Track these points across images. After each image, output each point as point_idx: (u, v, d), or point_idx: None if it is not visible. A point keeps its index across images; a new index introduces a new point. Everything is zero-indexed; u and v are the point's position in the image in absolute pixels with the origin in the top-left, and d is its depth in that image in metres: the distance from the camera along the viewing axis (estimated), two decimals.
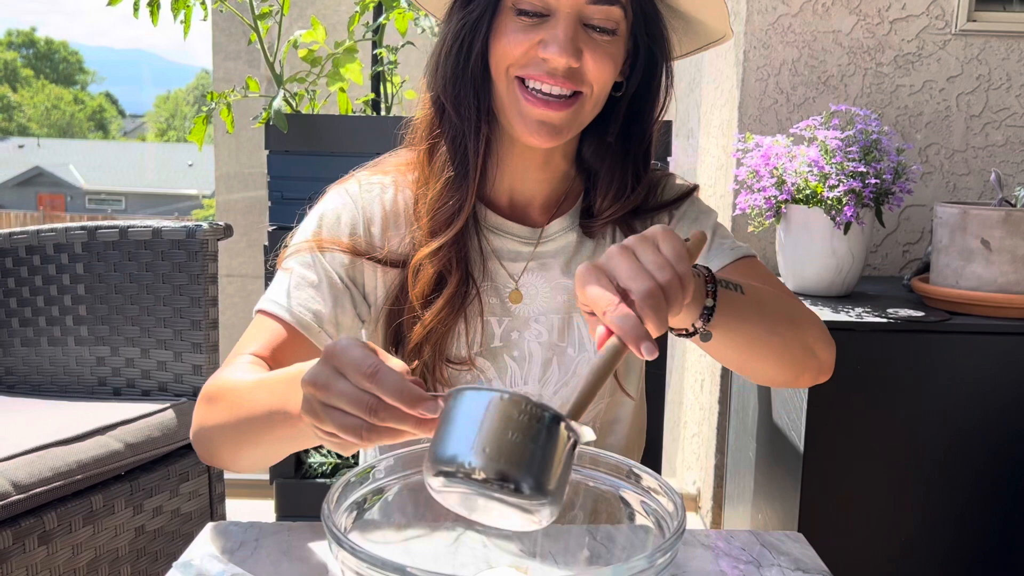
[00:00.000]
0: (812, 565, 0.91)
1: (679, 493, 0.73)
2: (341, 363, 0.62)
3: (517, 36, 0.90)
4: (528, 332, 1.01)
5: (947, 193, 1.99)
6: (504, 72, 0.91)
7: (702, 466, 2.36)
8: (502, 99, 0.93)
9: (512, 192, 1.02)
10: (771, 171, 1.64)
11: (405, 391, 0.60)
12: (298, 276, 0.96)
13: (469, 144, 0.95)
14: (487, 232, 1.01)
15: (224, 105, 1.85)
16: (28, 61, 47.65)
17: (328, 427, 0.63)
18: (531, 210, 1.03)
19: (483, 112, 0.94)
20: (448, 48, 0.94)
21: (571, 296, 1.02)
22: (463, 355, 1.00)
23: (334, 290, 0.97)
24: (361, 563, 0.63)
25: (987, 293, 1.52)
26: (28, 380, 1.70)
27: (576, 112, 0.92)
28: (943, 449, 1.52)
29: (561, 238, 1.02)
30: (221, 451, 0.87)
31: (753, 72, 1.97)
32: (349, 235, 0.99)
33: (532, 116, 0.91)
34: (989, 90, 1.95)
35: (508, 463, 0.56)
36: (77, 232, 1.63)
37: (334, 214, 1.00)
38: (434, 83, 0.97)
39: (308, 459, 1.92)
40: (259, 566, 0.83)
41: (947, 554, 1.56)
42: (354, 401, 0.61)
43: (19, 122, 42.36)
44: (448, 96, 0.95)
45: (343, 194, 1.01)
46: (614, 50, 0.92)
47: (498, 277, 1.01)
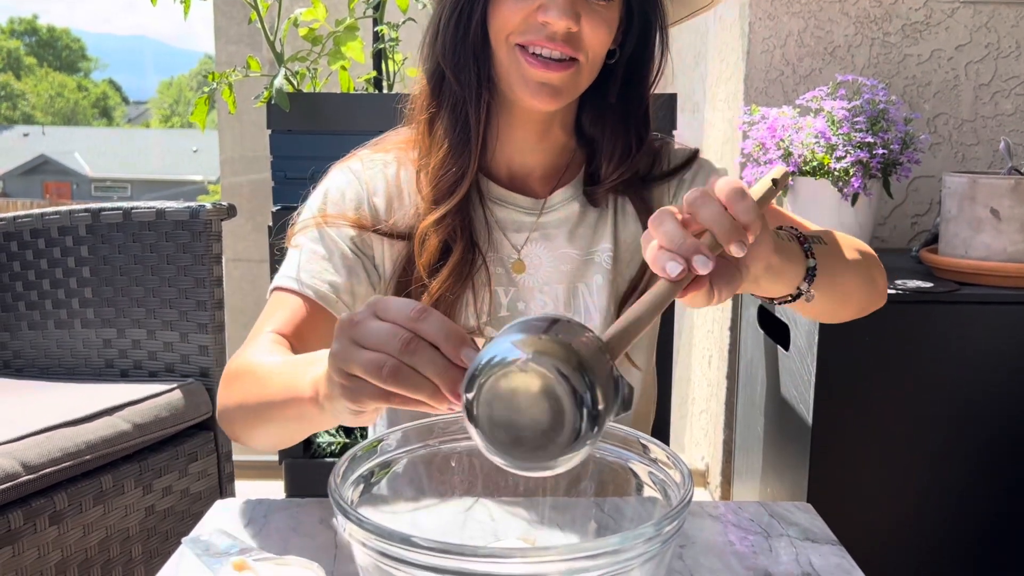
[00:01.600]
0: (821, 535, 0.90)
1: (686, 464, 0.73)
2: (383, 306, 0.59)
3: (517, 3, 0.90)
4: (533, 302, 1.02)
5: (956, 164, 1.97)
6: (504, 40, 0.91)
7: (710, 442, 2.36)
8: (503, 66, 0.93)
9: (511, 163, 1.02)
10: (777, 143, 1.63)
11: (450, 331, 0.57)
12: (308, 251, 0.97)
13: (471, 110, 0.95)
14: (490, 203, 1.01)
15: (226, 85, 1.85)
16: (31, 49, 47.68)
17: (352, 366, 0.59)
18: (531, 181, 1.03)
19: (483, 79, 0.95)
20: (448, 16, 0.94)
21: (575, 266, 1.02)
22: (472, 325, 1.00)
23: (346, 261, 0.97)
24: (368, 534, 0.63)
25: (996, 263, 1.51)
26: (36, 363, 1.71)
27: (574, 76, 0.92)
28: (951, 419, 1.51)
29: (564, 208, 1.02)
30: (243, 430, 0.88)
31: (759, 44, 1.95)
32: (354, 210, 0.99)
33: (533, 78, 0.91)
34: (998, 58, 1.93)
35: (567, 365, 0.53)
36: (81, 215, 1.63)
37: (338, 191, 1.00)
38: (432, 52, 0.97)
39: (317, 439, 1.92)
40: (268, 542, 0.84)
41: (954, 524, 1.55)
42: (388, 335, 0.57)
43: (23, 110, 42.41)
44: (449, 64, 0.95)
45: (346, 171, 1.02)
46: (610, 15, 0.92)
47: (502, 248, 1.01)
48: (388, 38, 1.97)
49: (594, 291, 1.02)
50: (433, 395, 0.58)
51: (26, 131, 32.71)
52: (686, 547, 0.86)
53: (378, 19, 1.99)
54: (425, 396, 0.58)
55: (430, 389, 0.58)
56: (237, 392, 0.86)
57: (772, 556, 0.85)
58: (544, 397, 0.55)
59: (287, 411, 0.77)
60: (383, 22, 1.98)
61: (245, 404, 0.85)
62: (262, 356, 0.87)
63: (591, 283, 1.02)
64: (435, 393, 0.58)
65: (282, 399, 0.77)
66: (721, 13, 2.20)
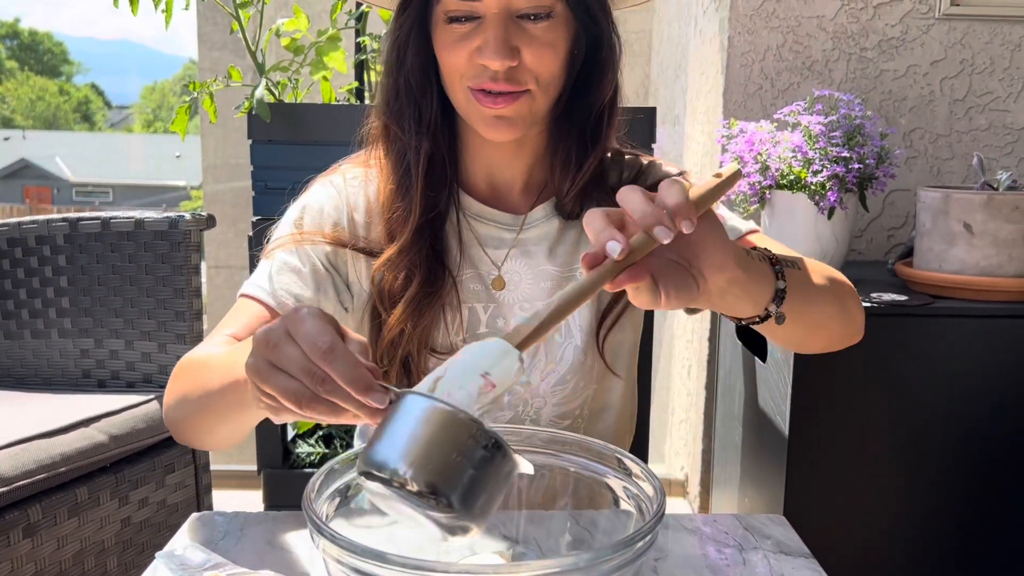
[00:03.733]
0: (795, 548, 0.91)
1: (659, 478, 0.74)
2: (297, 331, 0.60)
3: (455, 47, 0.91)
4: (513, 319, 1.02)
5: (931, 177, 2.00)
6: (458, 82, 0.92)
7: (690, 452, 2.38)
8: (462, 107, 0.94)
9: (491, 178, 1.03)
10: (755, 157, 1.65)
11: (357, 377, 0.58)
12: (280, 262, 0.97)
13: (411, 158, 0.97)
14: (469, 219, 1.01)
15: (207, 95, 1.84)
16: (12, 52, 47.25)
17: (269, 387, 0.61)
18: (512, 195, 1.03)
19: (424, 125, 0.96)
20: (385, 64, 0.97)
21: (556, 283, 1.02)
22: (448, 344, 1.00)
23: (316, 276, 0.97)
24: (342, 551, 0.63)
25: (969, 276, 1.53)
26: (11, 373, 1.69)
27: (528, 104, 0.92)
28: (925, 431, 1.53)
29: (544, 224, 1.02)
30: (188, 427, 0.88)
31: (738, 58, 1.97)
32: (332, 225, 0.99)
33: (487, 114, 0.92)
34: (973, 74, 1.96)
35: (440, 477, 0.56)
36: (59, 224, 1.62)
37: (317, 205, 1.00)
38: (376, 99, 0.99)
39: (296, 449, 1.92)
40: (243, 556, 0.84)
41: (928, 534, 1.57)
42: (302, 369, 0.59)
43: (3, 114, 42.02)
44: (388, 112, 0.97)
45: (327, 185, 1.02)
46: (553, 35, 0.91)
47: (481, 264, 1.01)
48: (370, 49, 1.97)
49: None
50: (354, 418, 0.61)
51: (6, 135, 32.41)
52: (660, 560, 0.86)
53: (360, 30, 1.99)
54: (345, 420, 0.61)
55: (348, 415, 0.61)
56: (179, 386, 0.86)
57: (746, 569, 0.86)
58: (423, 516, 0.59)
59: (228, 397, 0.77)
60: (365, 33, 1.99)
61: (188, 396, 0.85)
62: (206, 351, 0.87)
63: None
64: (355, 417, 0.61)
65: (221, 385, 0.78)
66: (701, 27, 2.22)
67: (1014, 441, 1.53)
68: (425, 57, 0.94)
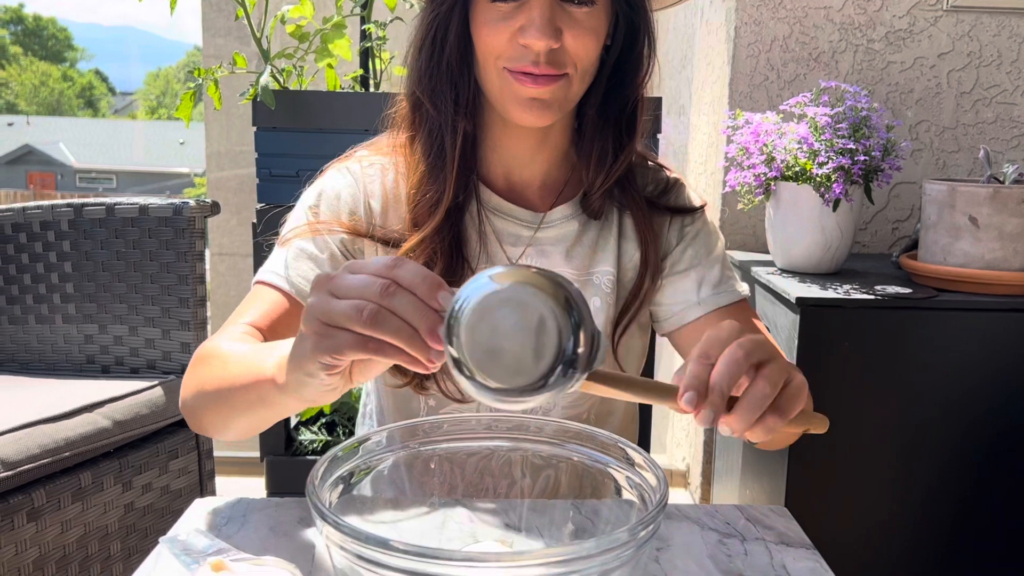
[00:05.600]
0: (796, 539, 0.91)
1: (662, 468, 0.74)
2: (359, 265, 0.59)
3: (497, 26, 0.89)
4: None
5: (937, 170, 1.99)
6: (493, 64, 0.90)
7: (691, 442, 2.38)
8: (495, 88, 0.92)
9: (509, 174, 1.01)
10: (761, 148, 1.64)
11: (426, 274, 0.57)
12: (296, 249, 0.96)
13: (446, 137, 0.95)
14: (488, 214, 1.00)
15: (212, 81, 1.84)
16: (16, 38, 47.20)
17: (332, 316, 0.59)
18: (530, 193, 1.02)
19: (461, 105, 0.94)
20: (421, 41, 0.94)
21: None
22: None
23: (334, 262, 0.96)
24: (345, 537, 0.63)
25: (974, 270, 1.53)
26: (16, 358, 1.70)
27: (564, 88, 0.91)
28: (928, 423, 1.53)
29: (563, 225, 1.01)
30: (205, 418, 0.87)
31: (744, 48, 1.96)
32: (349, 214, 0.98)
33: (523, 95, 0.90)
34: (980, 67, 1.95)
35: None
36: (63, 210, 1.62)
37: (334, 191, 0.99)
38: (409, 76, 0.96)
39: (299, 436, 1.92)
40: (246, 542, 0.84)
41: (930, 527, 1.57)
42: (366, 283, 0.58)
43: (7, 99, 42.01)
44: (424, 90, 0.95)
45: (344, 172, 1.01)
46: (595, 22, 0.91)
47: (497, 259, 1.00)
48: (375, 36, 1.96)
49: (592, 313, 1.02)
50: (411, 339, 0.58)
51: (10, 121, 32.39)
52: (662, 550, 0.86)
53: (365, 17, 1.99)
54: (403, 340, 0.58)
55: (408, 332, 0.58)
56: (199, 377, 0.86)
57: (747, 560, 0.86)
58: (526, 324, 0.56)
59: (248, 395, 0.77)
60: (371, 20, 1.98)
61: (205, 388, 0.84)
62: (228, 344, 0.86)
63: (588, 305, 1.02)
64: (413, 336, 0.58)
65: (243, 383, 0.77)
66: (708, 17, 2.21)
67: (1017, 434, 1.53)
68: (464, 35, 0.92)
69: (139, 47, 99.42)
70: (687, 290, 1.04)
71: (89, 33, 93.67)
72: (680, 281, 1.04)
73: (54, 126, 31.90)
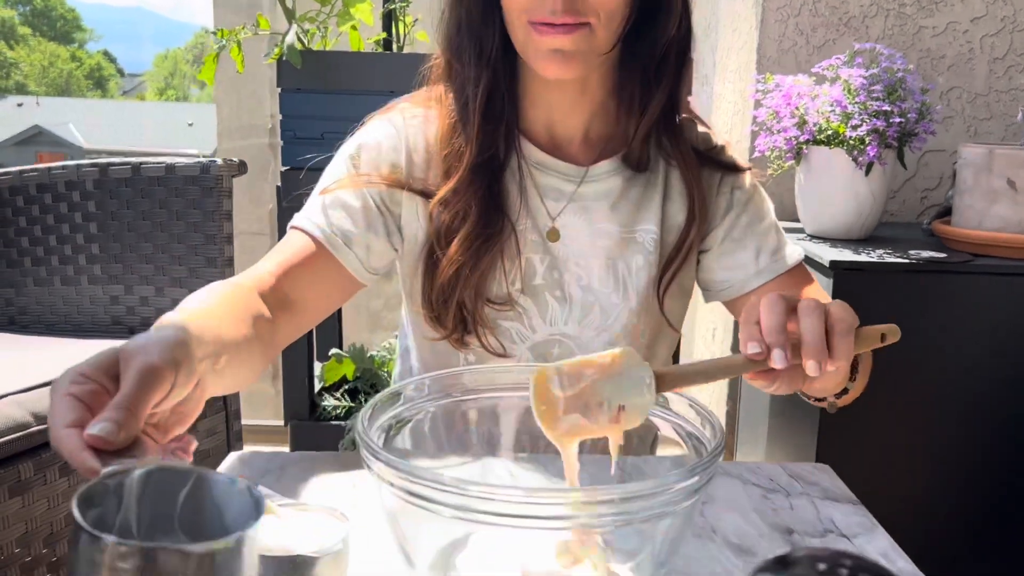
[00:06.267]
0: (842, 494, 0.90)
1: (717, 417, 0.73)
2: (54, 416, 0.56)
3: None
4: (568, 274, 1.00)
5: (968, 138, 1.96)
6: (518, 18, 0.91)
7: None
8: (521, 44, 0.93)
9: (551, 126, 1.01)
10: (792, 111, 1.61)
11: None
12: (333, 197, 0.97)
13: (469, 92, 0.96)
14: (531, 168, 1.00)
15: (235, 43, 1.82)
16: (25, 19, 47.19)
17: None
18: (573, 147, 1.01)
19: (484, 59, 0.95)
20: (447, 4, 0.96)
21: (614, 243, 1.01)
22: (504, 294, 0.99)
23: (368, 213, 0.97)
24: (397, 473, 0.62)
25: (1011, 234, 1.50)
26: (42, 320, 1.69)
27: (587, 38, 0.90)
28: (965, 389, 1.51)
29: (606, 180, 1.00)
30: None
31: (772, 13, 1.93)
32: (390, 165, 0.98)
33: (545, 46, 0.90)
34: (1014, 31, 1.91)
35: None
36: (89, 169, 1.61)
37: (374, 141, 0.99)
38: (441, 35, 0.98)
39: (322, 402, 1.92)
40: (284, 491, 0.83)
41: (963, 492, 1.56)
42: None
43: (16, 80, 42.01)
44: (451, 46, 0.96)
45: (386, 123, 1.01)
46: None
47: (539, 214, 1.00)
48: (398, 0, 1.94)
49: (633, 271, 1.00)
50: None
51: (20, 101, 32.41)
52: (707, 504, 0.85)
53: None
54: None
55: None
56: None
57: (793, 514, 0.85)
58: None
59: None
60: None
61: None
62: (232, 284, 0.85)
63: (631, 262, 1.01)
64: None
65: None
66: None
67: None
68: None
69: (147, 28, 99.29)
70: (746, 260, 1.04)
71: (98, 14, 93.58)
72: (738, 251, 1.04)
73: (63, 107, 31.93)
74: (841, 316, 0.70)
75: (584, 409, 0.70)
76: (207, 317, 0.74)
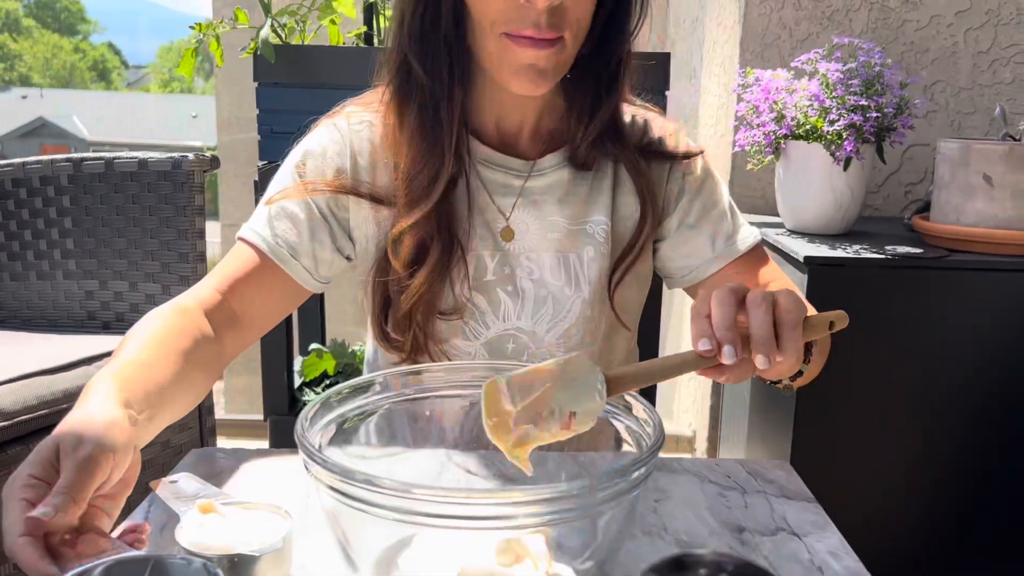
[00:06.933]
0: (798, 492, 0.90)
1: (659, 415, 0.73)
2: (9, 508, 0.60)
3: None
4: (520, 269, 1.00)
5: (952, 132, 1.95)
6: (490, 29, 0.87)
7: (698, 409, 2.36)
8: (491, 56, 0.89)
9: (500, 122, 0.99)
10: (771, 106, 1.61)
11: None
12: (278, 207, 0.96)
13: (443, 110, 0.92)
14: (478, 165, 0.98)
15: (213, 37, 1.81)
16: (29, 10, 47.17)
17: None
18: (520, 141, 1.00)
19: (457, 73, 0.91)
20: (410, 10, 0.90)
21: (563, 235, 1.00)
22: (454, 303, 0.98)
23: (313, 223, 0.96)
24: (333, 476, 0.62)
25: (987, 229, 1.49)
26: (18, 314, 1.69)
27: (560, 52, 0.89)
28: (939, 385, 1.51)
29: (553, 173, 0.99)
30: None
31: (756, 7, 1.92)
32: (335, 170, 0.97)
33: (521, 61, 0.87)
34: (998, 25, 1.90)
35: None
36: (63, 164, 1.61)
37: (320, 148, 0.98)
38: (398, 43, 0.92)
39: (303, 397, 1.91)
40: (241, 490, 0.84)
41: (940, 489, 1.55)
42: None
43: (20, 72, 42.04)
44: (417, 56, 0.90)
45: (331, 128, 1.00)
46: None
47: (488, 211, 0.99)
48: None
49: (585, 262, 1.00)
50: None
51: (24, 93, 32.43)
52: (661, 501, 0.85)
53: None
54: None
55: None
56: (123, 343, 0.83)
57: (747, 512, 0.84)
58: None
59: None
60: None
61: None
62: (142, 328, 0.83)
63: (582, 254, 1.00)
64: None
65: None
66: None
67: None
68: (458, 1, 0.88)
69: (151, 20, 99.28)
70: (702, 246, 1.04)
71: (101, 5, 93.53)
72: (694, 237, 1.04)
73: (67, 99, 31.94)
74: (789, 308, 0.69)
75: (535, 418, 0.70)
76: (140, 368, 0.77)
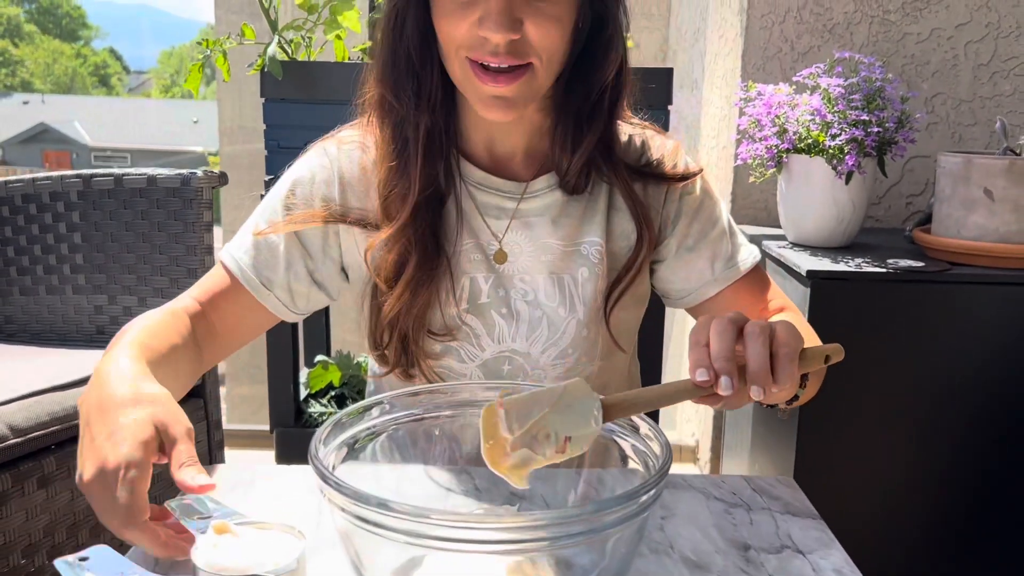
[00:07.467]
0: (803, 509, 0.91)
1: (666, 437, 0.74)
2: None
3: (455, 16, 0.86)
4: (514, 291, 1.00)
5: (953, 144, 1.97)
6: (455, 53, 0.88)
7: (701, 418, 2.38)
8: (458, 79, 0.90)
9: (491, 145, 1.00)
10: (773, 120, 1.62)
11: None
12: (263, 238, 0.97)
13: (409, 134, 0.93)
14: (470, 187, 0.99)
15: (220, 53, 1.83)
16: (31, 16, 47.25)
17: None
18: (513, 164, 1.00)
19: (423, 98, 0.92)
20: (381, 32, 0.92)
21: (557, 257, 1.00)
22: (447, 323, 0.99)
23: (290, 256, 0.98)
24: (346, 499, 0.63)
25: (988, 243, 1.51)
26: (27, 329, 1.71)
27: (529, 82, 0.89)
28: (940, 398, 1.52)
29: (546, 195, 0.99)
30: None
31: (757, 20, 1.93)
32: (322, 199, 0.98)
33: (485, 92, 0.88)
34: (998, 38, 1.92)
35: None
36: (72, 180, 1.62)
37: (308, 175, 0.99)
38: (374, 68, 0.94)
39: (308, 408, 1.93)
40: (253, 508, 0.84)
41: (940, 500, 1.56)
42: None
43: (22, 77, 42.09)
44: (386, 83, 0.92)
45: (321, 154, 1.00)
46: (558, 10, 0.87)
47: (481, 234, 0.99)
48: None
49: (580, 283, 1.00)
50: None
51: (26, 99, 32.48)
52: (667, 518, 0.86)
53: None
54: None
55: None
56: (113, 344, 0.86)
57: (752, 529, 0.85)
58: None
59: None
60: None
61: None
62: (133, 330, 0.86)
63: (576, 275, 1.00)
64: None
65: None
66: None
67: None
68: (425, 25, 0.89)
69: (153, 25, 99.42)
70: (702, 268, 1.04)
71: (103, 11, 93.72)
72: (694, 260, 1.04)
73: (69, 104, 31.99)
74: (786, 340, 0.71)
75: (531, 442, 0.71)
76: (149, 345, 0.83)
